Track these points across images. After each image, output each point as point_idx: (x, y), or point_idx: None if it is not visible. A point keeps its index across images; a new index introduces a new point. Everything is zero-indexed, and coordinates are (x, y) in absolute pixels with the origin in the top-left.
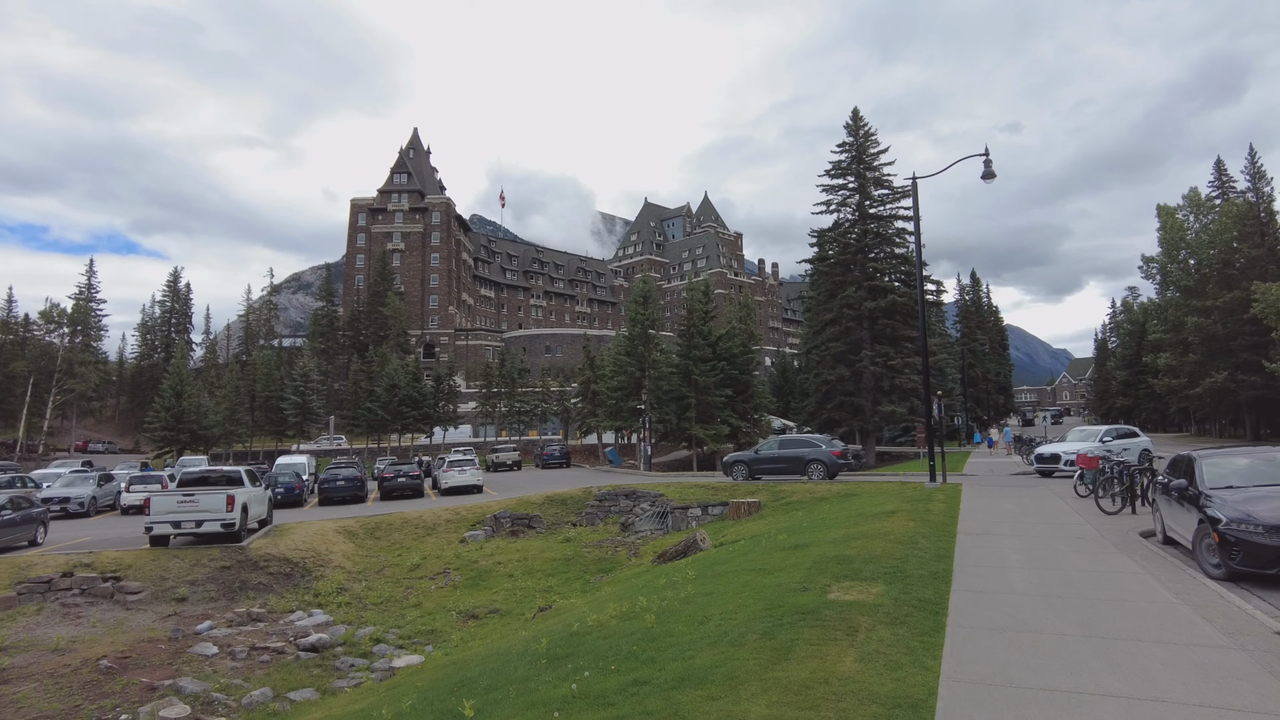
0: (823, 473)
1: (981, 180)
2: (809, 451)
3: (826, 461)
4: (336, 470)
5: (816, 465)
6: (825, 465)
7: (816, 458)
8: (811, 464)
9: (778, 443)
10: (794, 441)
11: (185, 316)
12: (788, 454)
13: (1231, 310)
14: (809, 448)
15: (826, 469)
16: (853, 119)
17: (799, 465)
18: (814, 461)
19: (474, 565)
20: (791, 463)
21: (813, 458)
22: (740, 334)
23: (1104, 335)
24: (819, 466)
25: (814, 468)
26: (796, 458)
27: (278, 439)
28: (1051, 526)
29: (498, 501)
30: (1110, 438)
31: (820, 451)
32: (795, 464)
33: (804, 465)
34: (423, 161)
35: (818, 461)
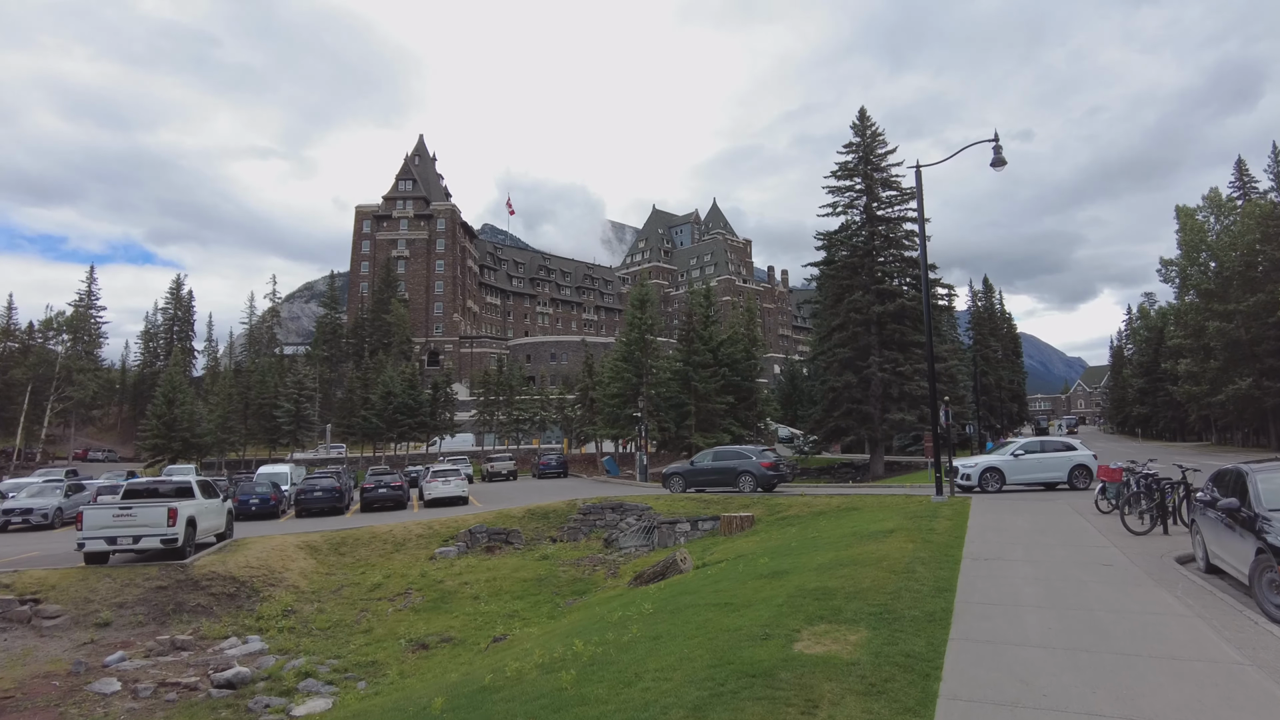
0: (752, 484)
1: (991, 168)
2: (740, 463)
3: (755, 473)
4: (315, 481)
5: (746, 477)
6: (754, 477)
7: (746, 469)
8: (742, 475)
9: (712, 455)
10: (727, 453)
11: (187, 324)
12: (720, 466)
13: (1256, 314)
14: (740, 459)
15: (756, 480)
16: (860, 119)
17: (731, 477)
18: (744, 473)
19: (439, 585)
20: (724, 474)
21: (743, 469)
22: (743, 339)
23: (1120, 342)
24: (748, 478)
25: (744, 479)
26: (729, 469)
27: (271, 448)
28: (1072, 549)
29: (475, 515)
30: (1029, 451)
31: (750, 463)
32: (727, 475)
33: (735, 477)
34: (428, 168)
35: (747, 473)
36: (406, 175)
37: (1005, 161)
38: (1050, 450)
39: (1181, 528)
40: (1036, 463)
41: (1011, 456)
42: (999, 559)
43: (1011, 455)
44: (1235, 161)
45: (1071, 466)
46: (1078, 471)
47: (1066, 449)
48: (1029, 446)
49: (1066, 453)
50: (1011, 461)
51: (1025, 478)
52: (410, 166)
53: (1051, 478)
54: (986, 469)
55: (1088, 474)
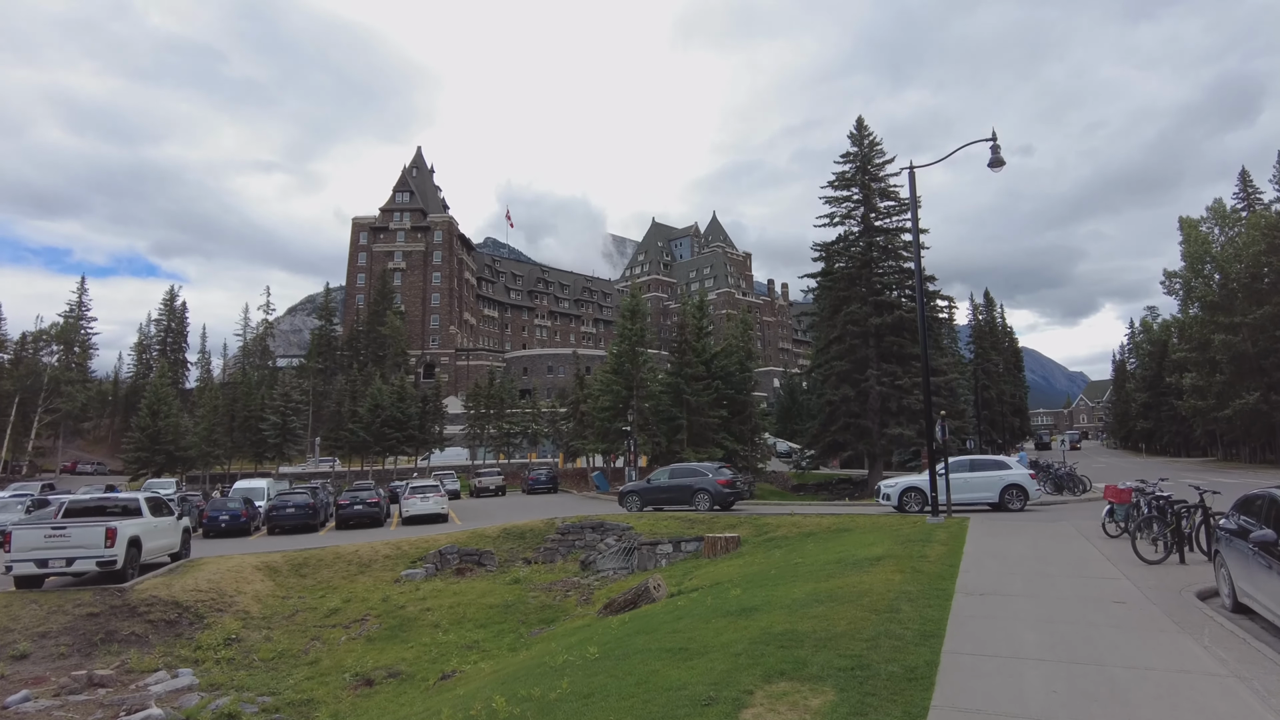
0: (709, 502)
1: (989, 169)
2: (696, 481)
3: (712, 491)
4: (288, 497)
5: (702, 495)
6: (711, 494)
7: (702, 487)
8: (698, 493)
9: (669, 472)
10: (684, 471)
11: (181, 335)
12: (676, 484)
13: (1263, 327)
14: (696, 477)
15: (712, 498)
16: (857, 128)
17: (686, 494)
18: (700, 491)
19: (399, 612)
20: (679, 492)
21: (699, 487)
22: (738, 351)
23: (1122, 356)
24: (704, 496)
25: (700, 497)
26: (685, 487)
27: (257, 461)
28: (1079, 581)
29: (447, 535)
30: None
31: (706, 481)
32: (683, 493)
33: (691, 495)
34: (426, 180)
35: (703, 491)
36: (404, 187)
37: (1004, 161)
38: (981, 469)
39: (1199, 556)
40: (963, 482)
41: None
42: (996, 593)
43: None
44: (1239, 173)
45: (1003, 486)
46: (1010, 492)
47: (999, 467)
48: (956, 465)
49: (998, 472)
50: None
51: (952, 498)
52: (408, 178)
53: (980, 498)
54: (906, 488)
55: (1022, 495)
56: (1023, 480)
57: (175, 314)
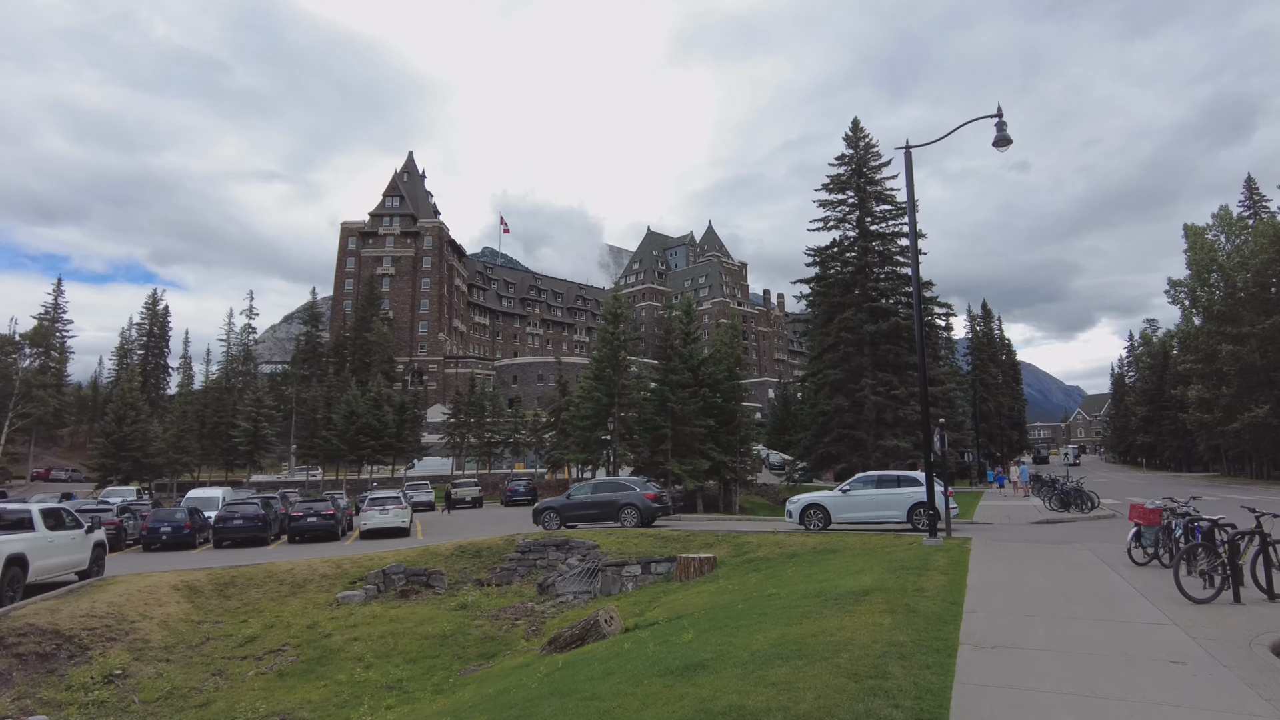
0: (636, 518)
1: (994, 147)
2: (623, 495)
3: (640, 506)
4: (235, 508)
5: (630, 510)
6: (639, 510)
7: (630, 502)
8: (625, 509)
9: (591, 487)
10: (608, 485)
11: (163, 340)
12: (600, 498)
13: (1272, 338)
14: (623, 491)
15: (640, 514)
16: (852, 130)
17: (612, 510)
18: (627, 506)
19: (323, 641)
20: (604, 508)
21: (626, 502)
22: (726, 358)
23: (1121, 370)
24: (632, 511)
25: (627, 513)
26: (610, 502)
27: (228, 469)
28: (1115, 628)
29: (394, 552)
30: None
31: (634, 495)
32: (608, 509)
33: (617, 510)
34: (417, 185)
35: (631, 506)
36: (394, 192)
37: (1010, 139)
38: (888, 486)
39: (1256, 593)
40: (868, 500)
41: (840, 492)
42: (1012, 647)
43: (840, 491)
44: (1245, 180)
45: (911, 505)
46: (919, 509)
47: (908, 484)
48: (863, 481)
49: (907, 489)
50: (839, 498)
51: (855, 516)
52: (398, 183)
53: (886, 517)
54: (808, 505)
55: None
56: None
57: (158, 318)
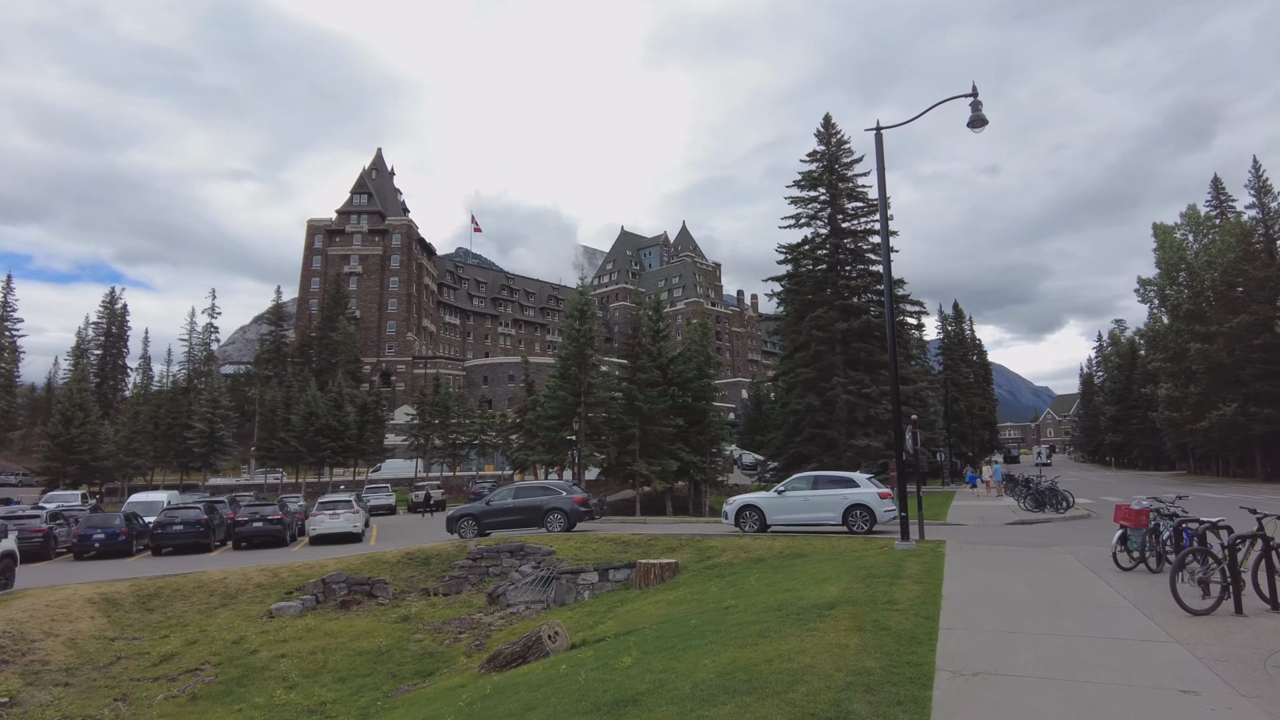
0: (563, 523)
1: (969, 128)
2: (548, 500)
3: (568, 510)
4: (175, 512)
5: (556, 515)
6: (565, 514)
7: (556, 506)
8: (551, 514)
9: (512, 491)
10: (532, 489)
11: (121, 340)
12: (523, 503)
13: (1239, 336)
14: (548, 495)
15: (566, 518)
16: (824, 126)
17: (537, 516)
18: (554, 511)
19: (247, 659)
20: (528, 513)
21: (552, 507)
22: (697, 356)
23: (1090, 370)
24: (559, 516)
25: (554, 518)
26: (534, 507)
27: (183, 472)
28: (1111, 646)
29: (337, 559)
30: (797, 487)
31: (561, 500)
32: (533, 514)
33: (542, 516)
34: (385, 183)
35: (557, 510)
36: (362, 189)
37: (985, 120)
38: (824, 487)
39: (1260, 603)
40: (803, 501)
41: (775, 494)
42: (997, 674)
43: (775, 492)
44: (1211, 180)
45: (846, 507)
46: (855, 512)
47: (844, 485)
48: (798, 482)
49: (843, 490)
50: (774, 500)
51: (790, 518)
52: (366, 180)
53: (822, 519)
54: (743, 507)
55: (868, 516)
56: (869, 500)
57: (116, 317)
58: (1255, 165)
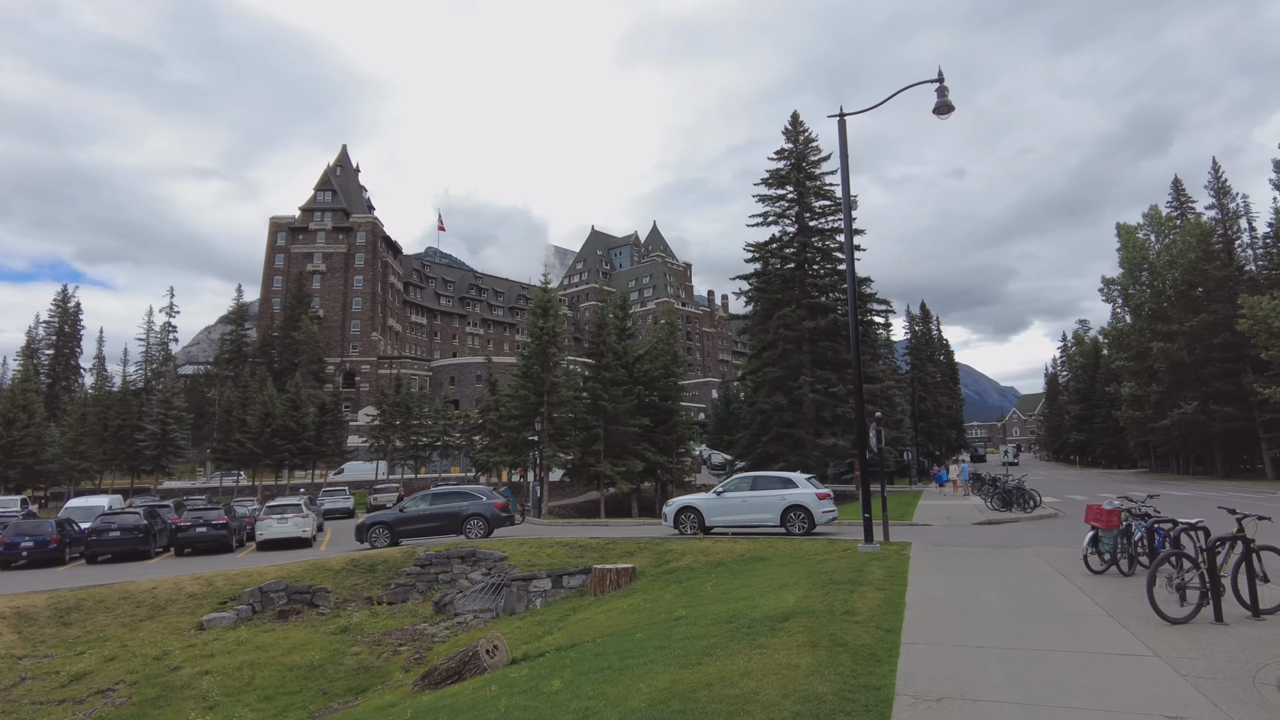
0: (484, 529)
1: (935, 115)
2: (467, 506)
3: (488, 516)
4: (112, 518)
5: (476, 520)
6: (487, 520)
7: (476, 512)
8: (470, 519)
9: (429, 497)
10: (451, 495)
11: (74, 339)
12: (440, 510)
13: (1199, 335)
14: (467, 500)
15: (489, 524)
16: (792, 124)
17: (455, 523)
18: (474, 517)
19: (168, 676)
20: (445, 520)
21: (472, 512)
22: (663, 354)
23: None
24: (479, 522)
25: (474, 524)
26: (452, 514)
27: (134, 475)
28: (1088, 664)
29: (277, 566)
30: (735, 488)
31: (481, 505)
32: (450, 521)
33: (461, 522)
34: (350, 180)
35: (478, 516)
36: (326, 186)
37: (952, 106)
38: (762, 488)
39: (1239, 609)
40: (741, 502)
41: (714, 495)
42: (964, 699)
43: (714, 494)
44: (1172, 181)
45: (784, 508)
46: (792, 513)
47: (783, 486)
48: (737, 483)
49: (781, 491)
50: (713, 501)
51: (729, 520)
52: (330, 177)
53: (760, 520)
54: (681, 509)
55: (806, 518)
56: (807, 501)
57: (68, 316)
58: (1215, 166)
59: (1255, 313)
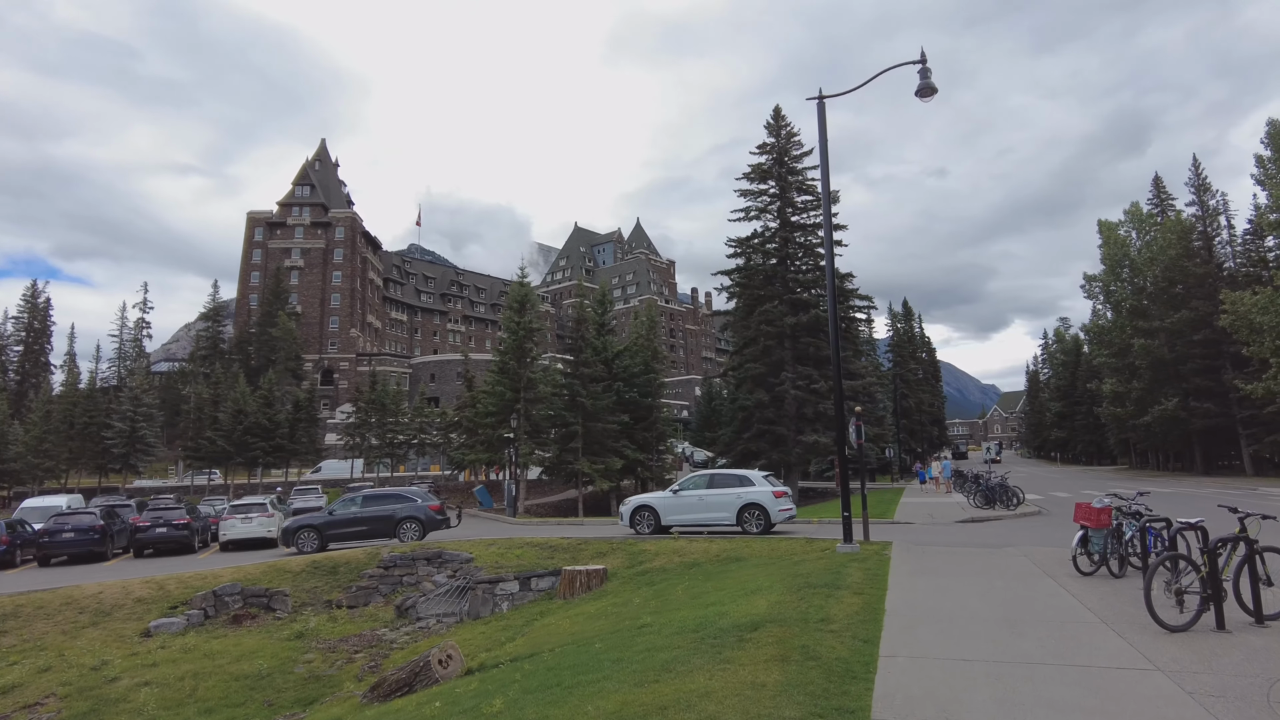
0: (418, 532)
1: (917, 97)
2: (401, 508)
3: (424, 519)
4: (66, 519)
5: (411, 524)
6: (421, 523)
7: (411, 515)
8: (404, 522)
9: (360, 499)
10: (382, 496)
11: (44, 335)
12: (372, 512)
13: (1180, 332)
14: (401, 503)
15: (422, 527)
16: (774, 118)
17: (388, 525)
18: (408, 519)
19: (104, 688)
20: (377, 523)
21: (406, 515)
22: (643, 350)
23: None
24: (414, 525)
25: (408, 526)
26: (384, 516)
27: (102, 474)
28: (1084, 680)
29: (234, 569)
30: (692, 487)
31: (415, 507)
32: (383, 524)
33: (395, 525)
34: (329, 174)
35: (412, 519)
36: (304, 181)
37: (934, 89)
38: (719, 486)
39: (1241, 615)
40: (698, 501)
41: (670, 494)
42: None
43: (671, 492)
44: (1153, 178)
45: (740, 507)
46: (748, 511)
47: (739, 484)
48: (694, 481)
49: (737, 489)
50: (669, 500)
51: (685, 519)
52: (309, 172)
53: (716, 519)
54: (638, 508)
55: (762, 517)
56: (763, 500)
57: (38, 312)
58: (1195, 163)
59: (1237, 308)
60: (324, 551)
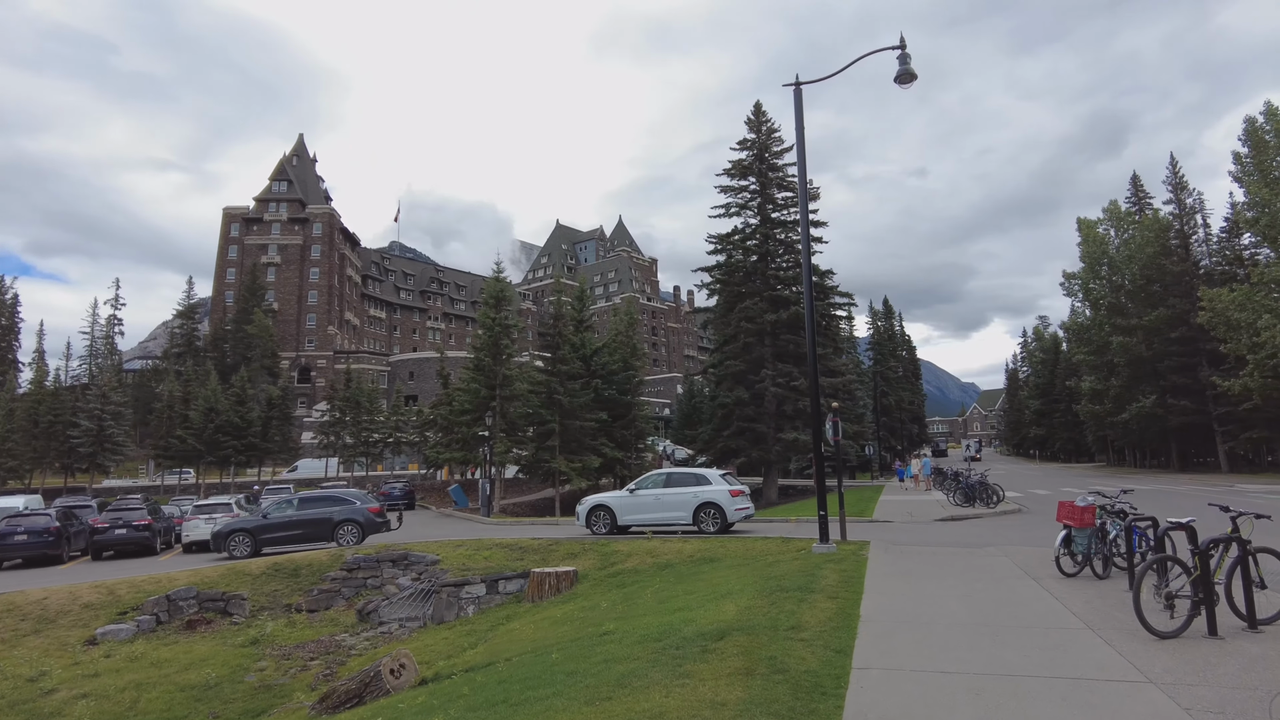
0: (357, 535)
1: (896, 84)
2: (339, 511)
3: (363, 522)
4: (19, 520)
5: (349, 527)
6: (360, 526)
7: (349, 518)
8: (343, 525)
9: (295, 501)
10: (318, 499)
11: (11, 332)
12: (307, 515)
13: (1157, 330)
14: (339, 505)
15: (361, 530)
16: (755, 114)
17: (325, 529)
18: (346, 523)
19: (38, 702)
20: (313, 526)
21: (344, 518)
22: (622, 347)
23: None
24: (352, 528)
25: (346, 530)
26: (321, 519)
27: (68, 474)
28: (1072, 696)
29: (190, 571)
30: (650, 485)
31: (354, 510)
32: (320, 528)
33: (332, 528)
34: (307, 170)
35: (350, 522)
36: (281, 176)
37: (914, 75)
38: (676, 485)
39: (1233, 620)
40: (655, 500)
41: (627, 493)
42: None
43: (627, 491)
44: (1130, 177)
45: (697, 506)
46: (704, 511)
47: (696, 483)
48: (652, 480)
49: (693, 488)
50: (625, 499)
51: (641, 518)
52: (286, 167)
53: (673, 519)
54: (594, 507)
55: (718, 516)
56: (720, 499)
57: (4, 308)
58: (1172, 161)
59: (1215, 305)
60: (258, 557)
